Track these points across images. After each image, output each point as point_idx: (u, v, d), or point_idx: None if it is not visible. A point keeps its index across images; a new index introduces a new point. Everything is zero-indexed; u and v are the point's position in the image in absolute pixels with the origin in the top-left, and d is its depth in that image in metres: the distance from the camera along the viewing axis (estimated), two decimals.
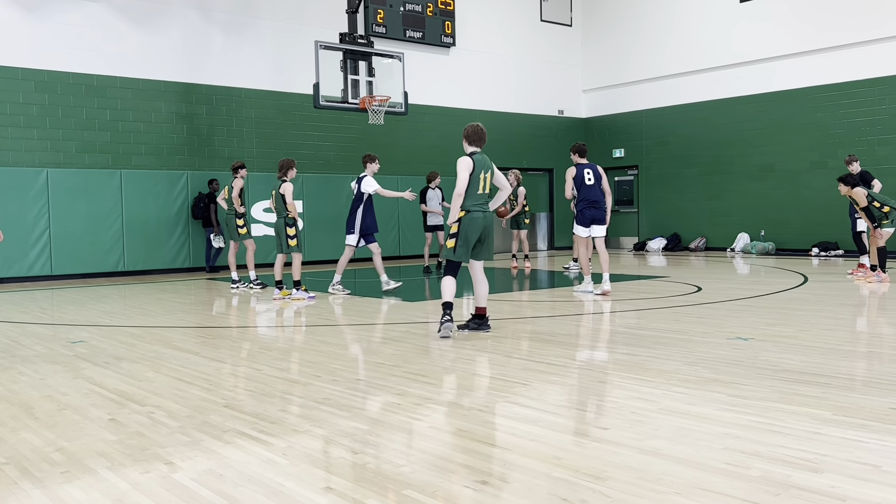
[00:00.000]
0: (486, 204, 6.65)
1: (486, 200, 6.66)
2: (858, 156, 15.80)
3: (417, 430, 3.86)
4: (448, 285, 6.60)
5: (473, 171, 6.53)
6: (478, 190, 6.56)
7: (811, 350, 5.69)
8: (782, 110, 17.21)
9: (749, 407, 4.06)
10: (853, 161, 12.17)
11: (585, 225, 9.81)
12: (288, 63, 16.07)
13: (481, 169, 6.57)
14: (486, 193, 6.64)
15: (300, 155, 16.16)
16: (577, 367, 5.34)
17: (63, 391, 4.81)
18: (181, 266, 14.76)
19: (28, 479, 3.19)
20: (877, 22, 15.60)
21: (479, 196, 6.58)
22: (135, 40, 14.42)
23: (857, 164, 12.09)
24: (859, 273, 11.41)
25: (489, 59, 19.53)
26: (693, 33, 18.85)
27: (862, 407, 4.02)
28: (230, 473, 3.20)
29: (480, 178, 6.56)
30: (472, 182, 6.53)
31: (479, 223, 6.57)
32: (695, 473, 3.06)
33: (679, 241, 19.28)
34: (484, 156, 6.69)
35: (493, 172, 6.71)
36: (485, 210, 6.62)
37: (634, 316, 7.80)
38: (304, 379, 5.10)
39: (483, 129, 6.76)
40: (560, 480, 3.02)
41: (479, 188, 6.57)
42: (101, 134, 14.09)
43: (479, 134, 6.72)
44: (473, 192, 6.55)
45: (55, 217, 13.37)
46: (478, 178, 6.55)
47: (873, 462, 3.15)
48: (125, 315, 8.73)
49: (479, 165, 6.57)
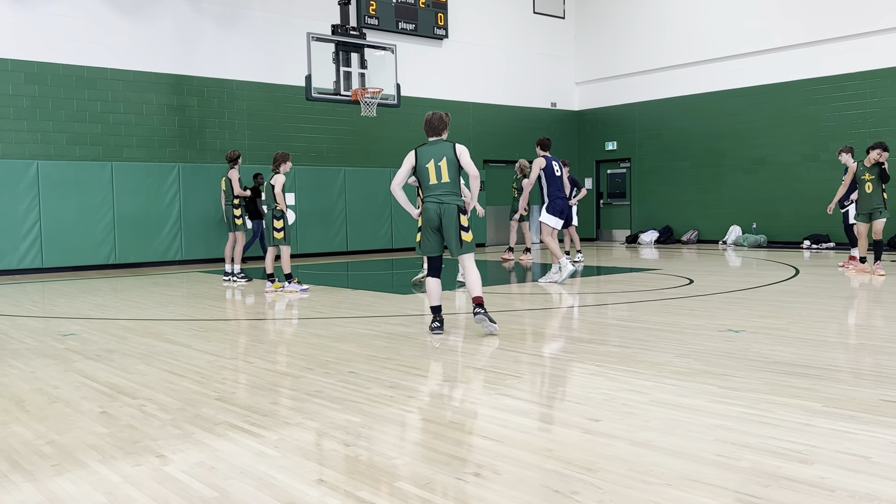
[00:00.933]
0: (445, 194, 6.26)
1: (445, 191, 6.27)
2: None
3: (409, 423, 3.86)
4: (431, 287, 6.42)
5: (417, 163, 6.31)
6: (429, 181, 6.29)
7: (802, 342, 5.71)
8: (774, 103, 17.25)
9: (740, 399, 4.08)
10: (844, 152, 12.10)
11: (558, 215, 10.12)
12: (280, 55, 16.00)
13: (429, 159, 6.29)
14: (440, 183, 6.27)
15: (292, 147, 16.10)
16: (569, 360, 5.35)
17: (54, 384, 4.80)
18: (173, 259, 14.71)
19: (18, 472, 3.17)
20: (868, 15, 15.63)
21: (431, 187, 6.28)
22: (125, 31, 14.33)
23: (848, 156, 12.03)
24: (850, 266, 11.43)
25: (482, 52, 19.49)
26: (686, 26, 18.86)
27: (852, 398, 4.04)
28: (222, 466, 3.19)
29: (428, 169, 6.28)
30: (421, 173, 6.31)
31: (431, 213, 6.27)
32: (686, 465, 3.07)
33: (671, 234, 19.33)
34: (438, 144, 6.35)
35: (450, 159, 6.29)
36: (440, 201, 6.26)
37: (626, 308, 7.82)
38: (295, 371, 5.09)
39: (437, 118, 6.38)
40: (552, 472, 3.03)
41: (429, 179, 6.28)
42: (91, 126, 14.01)
43: (429, 123, 6.39)
44: (426, 184, 6.31)
45: (46, 209, 13.29)
46: (425, 168, 6.29)
47: (863, 453, 3.17)
48: (117, 308, 8.70)
49: (423, 156, 6.31)
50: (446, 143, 6.37)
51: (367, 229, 17.22)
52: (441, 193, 6.27)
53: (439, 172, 6.27)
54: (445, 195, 6.27)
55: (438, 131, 6.39)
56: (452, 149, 6.32)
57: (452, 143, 6.37)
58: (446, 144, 6.36)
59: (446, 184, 6.28)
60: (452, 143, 6.37)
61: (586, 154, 21.32)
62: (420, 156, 6.32)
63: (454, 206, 6.27)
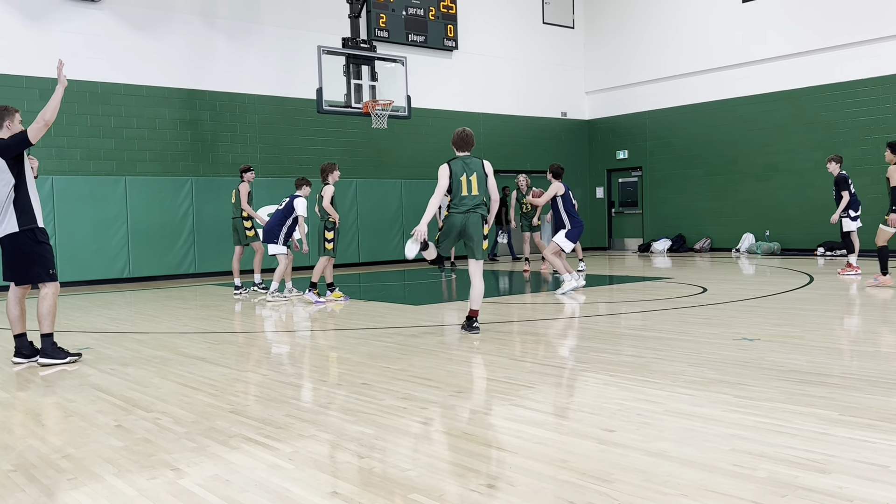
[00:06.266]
0: (473, 206, 6.77)
1: (474, 203, 6.77)
2: (863, 154, 15.84)
3: (423, 434, 3.86)
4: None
5: (452, 176, 6.71)
6: (461, 192, 6.75)
7: (817, 350, 5.67)
8: (786, 110, 17.18)
9: (755, 408, 4.05)
10: (832, 161, 11.85)
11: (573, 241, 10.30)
12: (291, 68, 16.10)
13: (462, 172, 6.74)
14: (470, 195, 6.76)
15: (303, 160, 16.20)
16: (583, 370, 5.33)
17: (70, 398, 4.82)
18: (186, 272, 14.79)
19: (35, 485, 3.19)
20: (879, 20, 15.56)
21: (462, 198, 6.77)
22: (138, 47, 14.47)
23: (835, 165, 11.82)
24: (848, 272, 11.38)
25: (492, 63, 19.54)
26: (695, 34, 18.84)
27: (869, 407, 4.00)
28: (236, 479, 3.20)
29: (461, 182, 6.73)
30: (455, 184, 6.73)
31: (456, 222, 6.78)
32: (701, 475, 3.05)
33: (684, 242, 19.25)
34: (469, 159, 6.82)
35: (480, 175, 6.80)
36: (468, 211, 6.76)
37: (640, 317, 7.78)
38: (309, 383, 5.10)
39: (470, 134, 6.87)
40: (566, 483, 3.02)
41: (461, 190, 6.75)
42: (105, 141, 14.13)
43: (464, 139, 6.85)
44: (458, 194, 6.77)
45: (61, 224, 13.40)
46: (458, 180, 6.73)
47: (881, 462, 3.14)
48: (131, 321, 8.75)
49: (458, 169, 6.74)
50: (476, 159, 6.87)
51: (378, 240, 17.24)
52: (470, 205, 6.77)
53: (470, 186, 6.76)
54: (474, 207, 6.78)
55: (470, 146, 6.86)
56: (482, 165, 6.86)
57: (481, 160, 6.91)
58: (476, 160, 6.87)
59: (476, 196, 6.79)
60: (481, 160, 6.91)
61: (597, 163, 21.30)
62: (454, 168, 6.75)
63: (479, 216, 6.80)
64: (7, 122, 5.86)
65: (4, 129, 5.85)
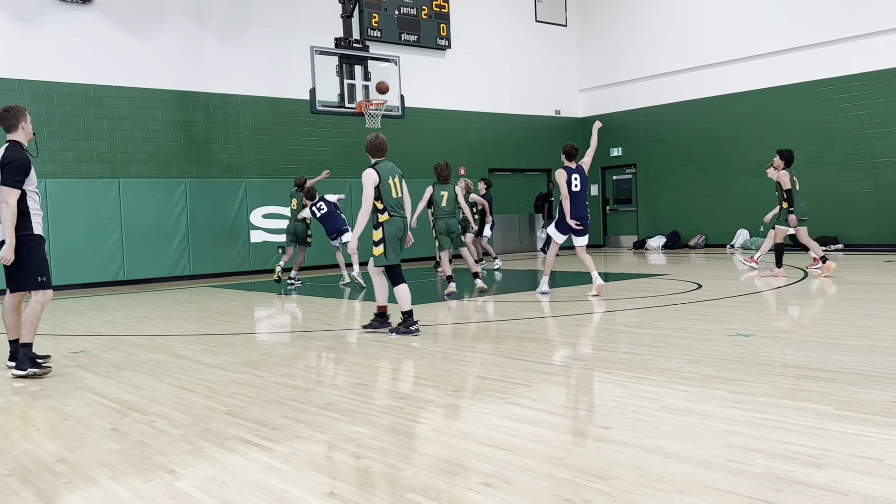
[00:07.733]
0: (402, 208, 7.03)
1: (401, 205, 7.04)
2: (856, 149, 15.89)
3: (419, 434, 3.86)
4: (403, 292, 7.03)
5: (381, 180, 6.88)
6: (392, 195, 6.95)
7: (812, 345, 5.69)
8: (778, 106, 17.21)
9: (751, 403, 4.06)
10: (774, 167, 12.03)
11: (565, 232, 9.63)
12: (284, 69, 16.07)
13: (388, 175, 6.95)
14: (400, 198, 7.03)
15: (297, 160, 16.18)
16: (578, 367, 5.34)
17: (65, 401, 4.81)
18: (181, 274, 14.76)
19: (30, 489, 3.18)
20: (872, 15, 15.61)
21: (395, 200, 6.98)
22: (130, 49, 14.43)
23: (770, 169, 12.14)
24: (815, 267, 11.24)
25: (485, 61, 19.54)
26: (688, 30, 18.86)
27: (864, 401, 4.01)
28: (233, 481, 3.19)
29: (391, 184, 6.95)
30: (384, 188, 6.89)
31: (399, 224, 6.99)
32: (698, 471, 3.06)
33: (678, 239, 19.28)
34: (388, 164, 7.09)
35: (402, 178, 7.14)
36: (402, 214, 7.02)
37: (635, 314, 7.80)
38: (305, 384, 5.09)
39: (382, 140, 7.09)
40: (563, 481, 3.02)
41: (392, 193, 6.95)
42: (98, 143, 14.09)
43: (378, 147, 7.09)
44: (388, 197, 6.93)
45: (54, 227, 13.36)
46: (388, 184, 6.93)
47: (876, 456, 3.15)
48: (126, 324, 8.73)
49: (385, 173, 6.93)
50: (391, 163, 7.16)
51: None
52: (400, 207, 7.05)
53: (398, 188, 7.06)
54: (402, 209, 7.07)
55: (385, 152, 7.11)
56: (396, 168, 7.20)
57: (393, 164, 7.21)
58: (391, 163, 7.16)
59: (402, 199, 7.09)
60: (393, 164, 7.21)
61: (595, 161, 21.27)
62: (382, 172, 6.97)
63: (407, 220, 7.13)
64: (22, 123, 5.82)
65: (20, 129, 5.81)
